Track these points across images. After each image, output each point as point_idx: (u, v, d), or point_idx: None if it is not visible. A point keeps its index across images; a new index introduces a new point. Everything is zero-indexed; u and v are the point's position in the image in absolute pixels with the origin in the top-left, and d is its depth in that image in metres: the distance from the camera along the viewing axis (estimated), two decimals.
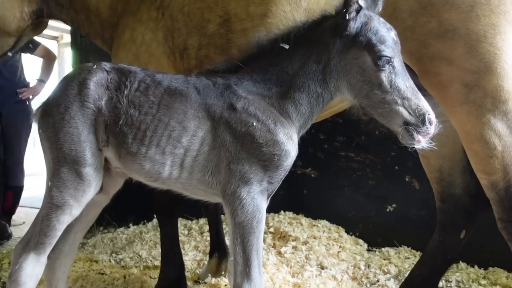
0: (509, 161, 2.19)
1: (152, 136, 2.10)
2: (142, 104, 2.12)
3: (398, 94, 1.94)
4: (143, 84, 2.18)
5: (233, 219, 2.01)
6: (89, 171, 2.12)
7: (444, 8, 2.07)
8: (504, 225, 2.29)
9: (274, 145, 2.01)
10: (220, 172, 2.09)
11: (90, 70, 2.19)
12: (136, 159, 2.13)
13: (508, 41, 2.05)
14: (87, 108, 2.13)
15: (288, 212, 4.62)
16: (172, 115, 2.09)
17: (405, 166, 3.98)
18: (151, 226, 4.89)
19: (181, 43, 2.82)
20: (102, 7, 3.41)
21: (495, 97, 2.11)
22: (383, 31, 1.96)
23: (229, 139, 2.04)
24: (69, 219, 2.17)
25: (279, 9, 2.42)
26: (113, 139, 2.14)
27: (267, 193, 2.08)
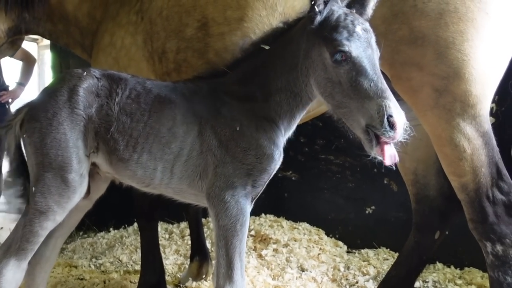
0: (478, 163, 2.28)
1: (144, 142, 2.13)
2: (134, 111, 2.15)
3: (358, 94, 1.82)
4: (134, 91, 2.20)
5: (217, 222, 2.06)
6: (75, 177, 2.13)
7: (414, 16, 2.15)
8: (474, 225, 2.38)
9: (256, 149, 2.04)
10: (208, 176, 2.12)
11: (81, 76, 2.21)
12: (128, 166, 2.16)
13: (476, 48, 2.13)
14: (77, 115, 2.13)
15: (269, 215, 4.68)
16: (162, 122, 2.13)
17: (384, 169, 4.05)
18: (132, 230, 4.90)
19: (159, 46, 2.86)
20: (81, 16, 3.43)
21: (464, 102, 2.19)
22: (346, 24, 1.89)
23: (215, 144, 2.08)
24: (52, 225, 2.17)
25: (255, 14, 2.48)
26: (104, 146, 2.17)
27: (251, 197, 2.11)
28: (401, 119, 1.76)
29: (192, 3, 2.74)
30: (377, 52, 1.90)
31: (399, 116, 1.75)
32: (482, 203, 2.32)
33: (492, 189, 2.30)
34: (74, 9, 3.46)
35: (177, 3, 2.82)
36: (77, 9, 3.45)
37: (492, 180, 2.30)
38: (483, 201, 2.31)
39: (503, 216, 2.31)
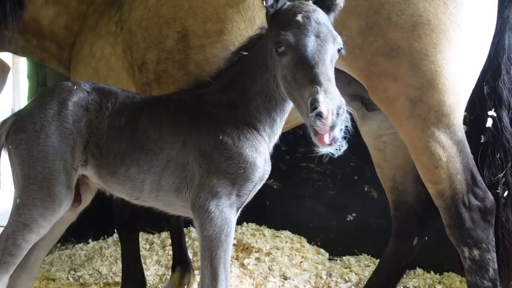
0: (453, 171, 2.37)
1: (131, 156, 2.15)
2: (123, 125, 2.18)
3: (298, 83, 1.79)
4: (123, 105, 2.24)
5: (202, 232, 2.06)
6: (61, 190, 2.13)
7: (389, 28, 2.24)
8: (452, 231, 2.47)
9: (239, 157, 2.05)
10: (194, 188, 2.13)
11: (71, 90, 2.22)
12: (116, 179, 2.18)
13: (448, 59, 2.23)
14: (66, 128, 2.15)
15: (251, 223, 4.71)
16: (149, 135, 2.16)
17: (364, 176, 4.16)
18: (112, 241, 4.85)
19: (139, 57, 2.90)
20: (57, 30, 3.43)
21: (438, 111, 2.29)
22: (288, 15, 1.91)
23: (200, 154, 2.09)
24: (36, 238, 2.17)
25: (234, 27, 2.55)
26: (93, 159, 2.19)
27: (236, 206, 2.12)
28: (329, 105, 1.63)
29: (171, 15, 2.79)
30: (326, 40, 1.84)
31: (326, 102, 1.62)
32: (458, 209, 2.40)
33: (467, 195, 2.39)
34: (49, 24, 3.46)
35: (156, 14, 2.86)
36: (53, 23, 3.44)
37: (467, 187, 2.40)
38: (460, 207, 2.40)
39: (479, 221, 2.41)
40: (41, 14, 3.45)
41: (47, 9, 3.44)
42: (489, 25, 2.37)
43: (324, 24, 1.88)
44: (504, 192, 2.48)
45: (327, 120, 1.61)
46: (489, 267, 2.39)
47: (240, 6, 2.52)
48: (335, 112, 1.63)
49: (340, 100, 1.67)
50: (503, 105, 2.49)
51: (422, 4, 2.20)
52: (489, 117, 2.50)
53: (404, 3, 2.21)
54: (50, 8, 3.44)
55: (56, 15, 3.44)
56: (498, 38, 2.45)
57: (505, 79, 2.48)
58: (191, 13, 2.72)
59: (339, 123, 1.64)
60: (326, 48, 1.83)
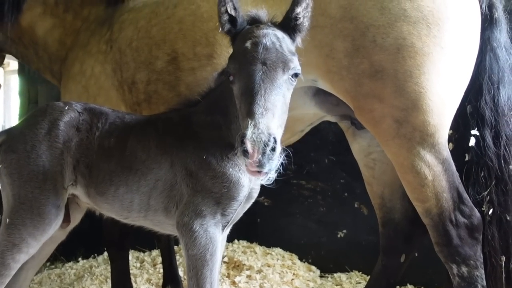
0: (439, 189, 2.41)
1: (120, 176, 2.17)
2: (112, 146, 2.21)
3: (240, 115, 1.81)
4: (114, 125, 2.26)
5: (187, 251, 2.07)
6: (51, 210, 2.14)
7: (374, 50, 2.29)
8: (440, 248, 2.49)
9: (222, 176, 2.06)
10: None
11: (62, 110, 2.26)
12: (105, 199, 2.20)
13: (432, 80, 2.28)
14: (56, 148, 2.17)
15: (242, 240, 4.74)
16: (137, 155, 2.18)
17: (354, 193, 4.20)
18: (102, 260, 4.85)
19: (129, 77, 2.95)
20: (51, 41, 3.50)
21: (423, 131, 2.33)
22: (239, 42, 1.92)
23: (187, 174, 2.11)
24: (25, 257, 2.17)
25: (223, 50, 2.61)
26: (82, 179, 2.20)
27: (221, 225, 2.12)
28: (255, 143, 1.62)
29: (161, 37, 2.84)
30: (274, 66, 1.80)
31: (252, 140, 1.62)
32: (446, 227, 2.43)
33: (454, 212, 2.42)
34: (44, 34, 3.54)
35: (147, 35, 2.92)
36: (48, 34, 3.53)
37: (454, 204, 2.43)
38: (447, 224, 2.43)
39: (466, 238, 2.43)
40: (38, 23, 3.55)
41: (44, 19, 3.54)
42: (472, 46, 2.44)
43: (274, 49, 1.84)
44: (489, 210, 2.51)
45: (253, 158, 1.61)
46: (477, 284, 2.40)
47: None
48: (261, 150, 1.61)
49: (268, 136, 1.64)
50: (486, 124, 2.53)
51: (406, 27, 2.25)
52: (472, 136, 2.55)
53: (389, 26, 2.27)
54: (47, 19, 3.54)
55: (52, 27, 3.52)
56: (479, 59, 2.51)
57: (486, 98, 2.53)
58: (181, 36, 2.77)
59: (265, 161, 1.62)
60: (272, 76, 1.79)
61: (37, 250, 2.23)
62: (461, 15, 2.34)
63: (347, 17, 2.34)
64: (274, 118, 1.73)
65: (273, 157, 1.64)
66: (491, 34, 2.54)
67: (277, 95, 1.78)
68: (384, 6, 2.27)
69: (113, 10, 3.34)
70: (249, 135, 1.63)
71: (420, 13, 2.25)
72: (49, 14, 3.55)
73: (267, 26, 1.95)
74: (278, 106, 1.77)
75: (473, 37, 2.43)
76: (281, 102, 1.80)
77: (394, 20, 2.26)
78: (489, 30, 2.53)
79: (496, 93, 2.53)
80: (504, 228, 2.51)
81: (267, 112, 1.70)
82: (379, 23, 2.28)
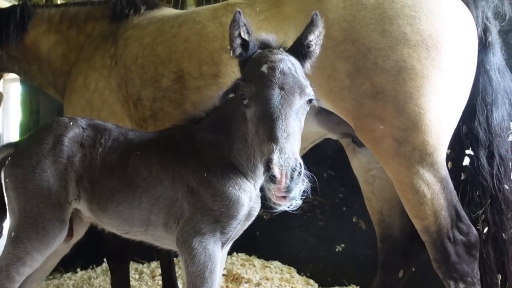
0: (438, 207, 2.47)
1: (122, 192, 2.20)
2: (114, 162, 2.24)
3: (259, 136, 1.78)
4: (117, 142, 2.30)
5: (186, 268, 2.09)
6: (55, 224, 2.18)
7: (375, 72, 2.37)
8: (438, 265, 2.55)
9: (222, 195, 2.07)
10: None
11: (67, 126, 2.31)
12: (107, 214, 2.24)
13: (431, 101, 2.36)
14: (60, 163, 2.21)
15: (241, 253, 4.77)
16: (139, 172, 2.22)
17: (353, 207, 4.25)
18: (101, 271, 4.85)
19: (135, 93, 3.01)
20: (54, 57, 3.59)
21: (422, 151, 2.41)
22: (254, 65, 1.91)
23: (189, 191, 2.13)
24: (29, 271, 2.20)
25: (228, 70, 2.68)
26: (85, 194, 2.24)
27: (221, 242, 2.13)
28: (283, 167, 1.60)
29: (167, 55, 2.91)
30: (291, 92, 1.81)
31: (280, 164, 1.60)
32: (444, 244, 2.49)
33: (452, 230, 2.49)
34: (48, 50, 3.62)
35: (152, 53, 2.99)
36: (52, 50, 3.61)
37: (452, 222, 2.49)
38: (445, 241, 2.49)
39: (464, 255, 2.50)
40: (42, 40, 3.64)
41: (48, 36, 3.63)
42: (469, 68, 2.52)
43: (290, 74, 1.84)
44: (484, 228, 2.58)
45: (281, 184, 1.58)
46: None
47: None
48: (289, 175, 1.59)
49: (295, 161, 1.62)
50: (480, 144, 2.60)
51: (406, 50, 2.34)
52: (467, 156, 2.62)
53: (390, 48, 2.35)
54: (51, 36, 3.63)
55: (55, 43, 3.61)
56: (474, 81, 2.59)
57: (480, 119, 2.61)
58: (187, 55, 2.84)
59: (293, 186, 1.59)
60: (290, 101, 1.79)
61: (41, 263, 2.26)
62: (458, 39, 2.42)
63: (349, 39, 2.42)
64: (296, 142, 1.73)
65: (299, 182, 1.61)
66: (485, 57, 2.63)
67: (295, 120, 1.78)
68: (385, 30, 2.36)
69: (117, 25, 3.41)
70: (276, 160, 1.60)
71: (420, 37, 2.33)
72: (54, 31, 3.65)
73: (280, 51, 1.97)
74: (297, 131, 1.77)
75: (470, 59, 2.52)
76: (298, 127, 1.80)
77: (394, 43, 2.35)
78: (483, 53, 2.62)
79: (489, 114, 2.61)
80: (499, 246, 2.58)
81: (290, 136, 1.70)
82: (380, 46, 2.36)
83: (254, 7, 2.73)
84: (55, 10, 3.76)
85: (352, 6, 2.45)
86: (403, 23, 2.35)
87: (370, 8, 2.41)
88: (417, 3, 2.36)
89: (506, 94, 2.67)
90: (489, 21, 2.63)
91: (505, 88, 2.67)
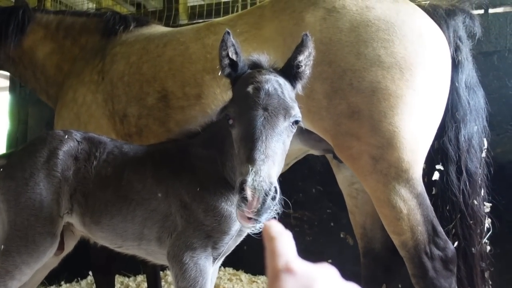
0: (414, 222, 2.63)
1: (115, 205, 2.26)
2: (109, 175, 2.31)
3: (239, 159, 1.81)
4: (112, 155, 2.37)
5: (176, 283, 2.16)
6: (46, 238, 2.24)
7: (351, 93, 2.55)
8: (416, 280, 2.70)
9: (214, 210, 2.13)
10: None
11: (62, 139, 2.36)
12: (100, 228, 2.30)
13: (405, 120, 2.54)
14: (54, 177, 2.27)
15: (228, 268, 4.93)
16: (133, 185, 2.28)
17: (340, 223, 4.42)
18: (85, 284, 4.97)
19: (121, 109, 3.19)
20: (48, 66, 3.79)
21: (397, 167, 2.58)
22: (240, 86, 1.97)
23: (182, 206, 2.18)
24: (17, 285, 2.26)
25: (210, 91, 2.85)
26: (78, 208, 2.30)
27: (212, 258, 2.18)
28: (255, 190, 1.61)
29: (152, 74, 3.10)
30: (275, 113, 1.84)
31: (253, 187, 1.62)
32: (421, 259, 2.65)
33: (429, 245, 2.64)
34: (43, 58, 3.82)
35: (138, 71, 3.18)
36: (47, 58, 3.81)
37: (428, 237, 2.65)
38: (422, 257, 2.64)
39: (441, 270, 2.65)
40: (39, 46, 3.83)
41: (44, 43, 3.82)
42: (443, 87, 2.71)
43: (276, 95, 1.87)
44: (455, 242, 2.75)
45: (251, 207, 1.61)
46: None
47: (215, 73, 2.79)
48: (261, 199, 1.61)
49: (269, 185, 1.64)
50: (449, 160, 2.79)
51: (380, 72, 2.52)
52: (436, 171, 2.80)
53: (364, 70, 2.53)
54: (47, 43, 3.82)
55: (51, 52, 3.80)
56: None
57: (450, 135, 2.80)
58: (171, 75, 3.02)
59: (263, 211, 1.63)
60: (273, 122, 1.82)
61: (30, 277, 2.33)
62: (431, 60, 2.61)
63: (325, 61, 2.60)
64: (275, 165, 1.74)
65: (271, 207, 1.65)
66: (455, 75, 2.81)
67: (277, 142, 1.81)
68: (360, 52, 2.55)
69: (107, 41, 3.59)
70: (249, 182, 1.62)
71: (394, 59, 2.52)
72: (50, 38, 3.83)
73: (269, 71, 2.02)
74: (278, 153, 1.79)
75: (443, 79, 2.71)
76: (281, 149, 1.83)
77: (369, 65, 2.53)
78: (453, 71, 2.80)
79: (457, 131, 2.80)
80: (469, 261, 2.75)
81: (268, 159, 1.71)
82: (355, 68, 2.54)
83: (235, 28, 2.90)
84: (53, 17, 3.93)
85: (329, 29, 2.63)
86: (378, 46, 2.53)
87: (345, 31, 2.59)
88: (390, 27, 2.55)
89: (475, 111, 2.85)
90: (460, 40, 2.83)
91: (475, 106, 2.85)
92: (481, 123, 2.89)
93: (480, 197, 2.85)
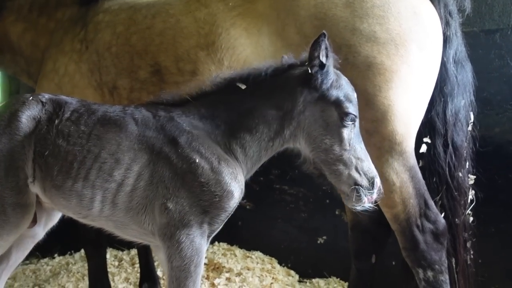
0: (406, 195, 2.83)
1: (79, 168, 2.15)
2: (72, 133, 2.20)
3: (354, 154, 2.17)
4: (76, 113, 2.27)
5: (170, 263, 2.12)
6: (16, 209, 2.19)
7: (346, 68, 2.66)
8: (407, 253, 2.92)
9: (216, 185, 2.11)
10: (154, 210, 2.14)
11: (25, 101, 2.28)
12: (61, 193, 2.19)
13: (399, 94, 2.74)
14: (17, 141, 2.19)
15: (223, 243, 5.20)
16: (103, 146, 2.18)
17: (336, 200, 4.56)
18: (79, 257, 5.15)
19: (110, 81, 3.29)
20: (24, 45, 3.92)
21: (391, 140, 2.77)
22: (350, 90, 2.27)
23: (168, 175, 2.12)
24: None
25: (205, 68, 2.97)
26: (39, 172, 2.21)
27: (207, 235, 2.19)
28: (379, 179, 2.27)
29: (143, 47, 3.18)
30: None
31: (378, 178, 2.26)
32: (412, 232, 2.85)
33: (421, 218, 2.85)
34: (18, 39, 3.95)
35: (126, 42, 3.26)
36: (21, 38, 3.93)
37: (420, 210, 2.85)
38: (414, 230, 2.85)
39: (431, 243, 2.86)
40: (11, 30, 3.96)
41: (16, 25, 3.94)
42: (434, 63, 2.90)
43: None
44: (441, 214, 2.96)
45: (378, 191, 2.24)
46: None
47: (210, 49, 2.93)
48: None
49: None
50: (437, 133, 2.99)
51: (376, 47, 2.71)
52: (424, 143, 3.00)
53: (360, 45, 2.72)
54: (18, 25, 3.94)
55: (23, 31, 3.92)
56: None
57: (437, 109, 2.99)
58: (163, 49, 3.10)
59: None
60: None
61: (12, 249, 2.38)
62: (425, 37, 2.81)
63: None
64: None
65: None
66: (444, 50, 2.99)
67: None
68: (356, 28, 2.73)
69: (87, 9, 3.64)
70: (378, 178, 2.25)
71: (389, 35, 2.71)
72: (21, 19, 3.93)
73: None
74: None
75: (435, 54, 2.90)
76: None
77: (364, 40, 2.71)
78: (443, 47, 2.98)
79: (445, 105, 3.00)
80: (452, 232, 2.98)
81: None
82: (350, 43, 2.72)
83: (227, 2, 3.00)
84: (24, 1, 4.01)
85: (323, 4, 2.79)
86: (373, 22, 2.71)
87: (340, 6, 2.76)
88: (385, 4, 2.73)
89: (463, 85, 3.05)
90: (450, 15, 3.00)
91: (463, 80, 3.05)
92: (468, 97, 3.08)
93: (464, 169, 3.06)
